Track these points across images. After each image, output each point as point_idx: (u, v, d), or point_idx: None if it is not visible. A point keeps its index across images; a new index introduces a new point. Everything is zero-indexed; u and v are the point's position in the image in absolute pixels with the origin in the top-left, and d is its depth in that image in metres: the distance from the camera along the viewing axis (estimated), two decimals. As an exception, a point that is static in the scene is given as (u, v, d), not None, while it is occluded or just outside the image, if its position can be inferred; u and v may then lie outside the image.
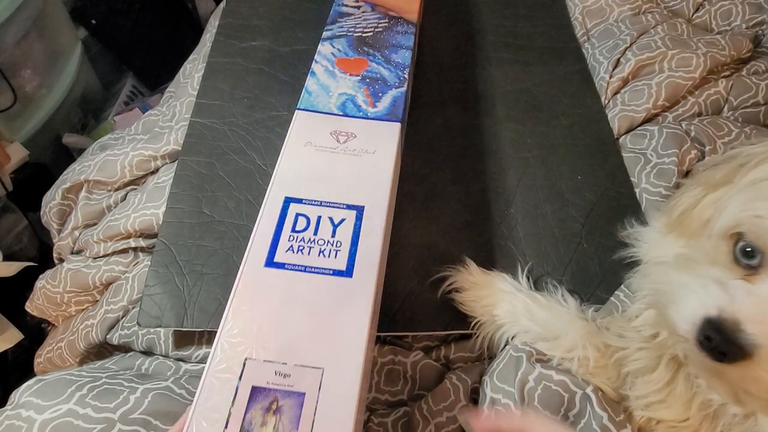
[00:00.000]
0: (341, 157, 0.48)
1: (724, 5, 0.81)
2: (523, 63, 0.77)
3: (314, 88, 0.56)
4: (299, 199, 0.44)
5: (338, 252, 0.41)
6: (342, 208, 0.44)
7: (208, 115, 0.71)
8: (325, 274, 0.40)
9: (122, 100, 1.28)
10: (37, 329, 0.84)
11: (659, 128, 0.65)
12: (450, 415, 0.48)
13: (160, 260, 0.58)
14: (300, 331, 0.36)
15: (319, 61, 0.59)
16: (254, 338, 0.36)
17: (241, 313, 0.38)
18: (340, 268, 0.40)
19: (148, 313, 0.56)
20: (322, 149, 0.49)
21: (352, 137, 0.50)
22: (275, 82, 0.75)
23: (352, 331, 0.37)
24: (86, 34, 1.25)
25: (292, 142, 0.50)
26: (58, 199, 0.70)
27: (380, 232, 0.43)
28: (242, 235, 0.60)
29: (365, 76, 0.57)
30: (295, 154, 0.49)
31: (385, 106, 0.54)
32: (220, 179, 0.65)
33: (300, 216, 0.43)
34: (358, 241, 0.42)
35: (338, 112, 0.53)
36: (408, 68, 0.59)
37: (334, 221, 0.43)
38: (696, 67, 0.69)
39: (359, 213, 0.44)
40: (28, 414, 0.44)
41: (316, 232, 0.42)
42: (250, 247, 0.42)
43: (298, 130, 0.51)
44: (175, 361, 0.56)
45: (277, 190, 0.45)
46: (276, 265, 0.40)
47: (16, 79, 1.00)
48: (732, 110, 0.70)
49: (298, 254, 0.41)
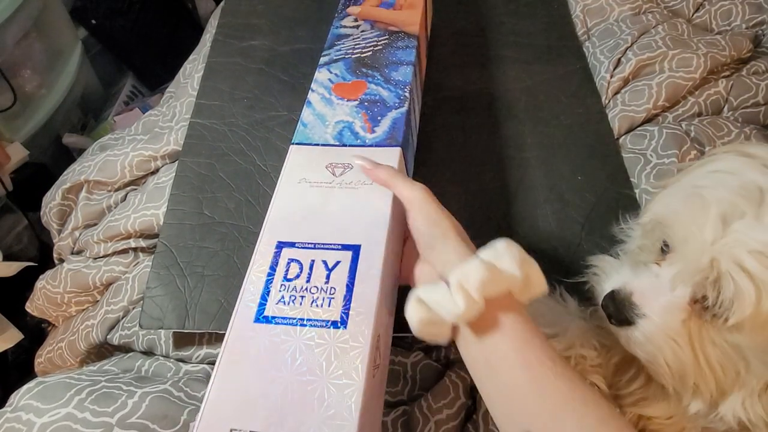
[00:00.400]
0: (337, 191, 0.44)
1: (724, 5, 0.80)
2: (523, 62, 0.77)
3: (310, 119, 0.52)
4: (292, 243, 0.41)
5: (332, 300, 0.37)
6: (336, 249, 0.40)
7: (207, 115, 0.71)
8: (317, 326, 0.36)
9: (122, 100, 1.28)
10: (37, 329, 0.84)
11: (659, 128, 0.65)
12: (450, 412, 0.48)
13: (161, 262, 0.59)
14: (291, 396, 0.33)
15: (315, 90, 0.55)
16: (241, 406, 0.33)
17: (228, 376, 0.34)
18: (333, 319, 0.36)
19: (150, 315, 0.56)
20: (317, 185, 0.45)
21: (348, 168, 0.46)
22: (275, 82, 0.74)
23: (345, 395, 0.33)
24: (86, 34, 1.25)
25: (285, 180, 0.46)
26: (58, 199, 0.70)
27: (377, 273, 0.38)
28: (242, 237, 0.60)
29: (363, 99, 0.53)
30: (289, 193, 0.45)
31: (384, 130, 0.50)
32: (220, 180, 0.65)
33: (292, 262, 0.39)
34: (353, 287, 0.38)
35: (335, 143, 0.49)
36: (409, 85, 0.54)
37: (328, 265, 0.39)
38: (696, 67, 0.69)
39: (355, 254, 0.39)
40: (27, 417, 0.44)
41: (309, 278, 0.38)
42: (240, 301, 0.38)
43: (291, 167, 0.47)
44: (176, 362, 0.56)
45: (269, 235, 0.42)
46: (266, 319, 0.37)
47: (16, 79, 1.00)
48: (732, 110, 0.70)
49: (290, 305, 0.37)
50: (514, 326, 0.35)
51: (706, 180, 0.38)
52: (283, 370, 0.34)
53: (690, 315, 0.38)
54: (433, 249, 0.39)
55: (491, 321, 0.35)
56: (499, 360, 0.35)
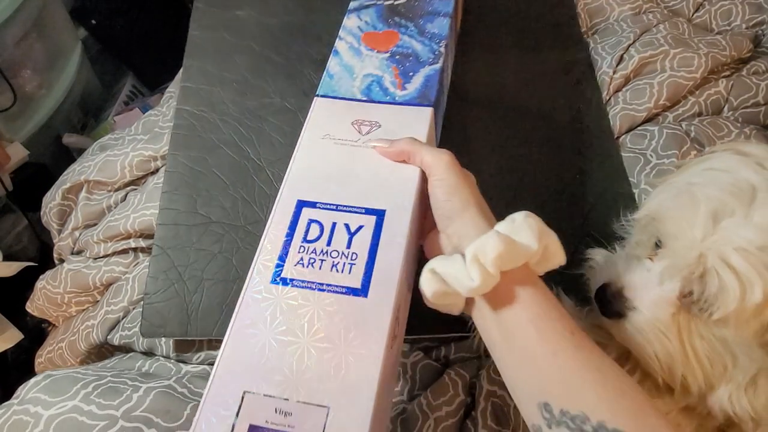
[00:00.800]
0: (362, 151, 0.42)
1: (724, 5, 0.80)
2: (522, 49, 0.74)
3: (336, 69, 0.49)
4: (313, 203, 0.39)
5: (353, 266, 0.35)
6: (360, 213, 0.38)
7: (195, 102, 0.67)
8: (337, 292, 0.34)
9: (122, 100, 1.28)
10: (37, 329, 0.84)
11: (659, 128, 0.65)
12: (449, 410, 0.48)
13: (159, 266, 0.57)
14: (306, 362, 0.32)
15: (343, 38, 0.51)
16: (256, 368, 0.32)
17: (243, 336, 0.33)
18: (354, 286, 0.35)
19: (151, 323, 0.55)
20: (342, 142, 0.42)
21: (376, 127, 0.43)
22: (267, 63, 0.70)
23: (363, 365, 0.32)
24: (86, 34, 1.25)
25: (308, 135, 0.43)
26: (58, 199, 0.70)
27: (402, 241, 0.36)
28: (240, 238, 0.59)
29: (395, 52, 0.50)
30: (312, 149, 0.42)
31: (416, 88, 0.46)
32: (213, 176, 0.62)
33: (313, 223, 0.38)
34: (376, 253, 0.36)
35: (362, 98, 0.46)
36: (445, 40, 0.50)
37: (350, 228, 0.37)
38: (698, 67, 0.69)
39: (379, 219, 0.38)
40: (35, 410, 0.45)
41: (330, 242, 0.37)
42: (257, 259, 0.36)
43: (315, 121, 0.44)
44: (176, 363, 0.56)
45: (289, 192, 0.40)
46: (284, 281, 0.35)
47: (16, 79, 1.00)
48: (732, 110, 0.70)
49: (309, 269, 0.35)
50: (532, 298, 0.34)
51: (699, 177, 0.39)
52: (300, 336, 0.33)
53: (679, 309, 0.38)
54: (450, 220, 0.38)
55: (508, 293, 0.35)
56: (516, 333, 0.34)
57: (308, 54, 0.71)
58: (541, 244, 0.35)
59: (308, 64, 0.71)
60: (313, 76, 0.70)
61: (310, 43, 0.72)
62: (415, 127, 0.44)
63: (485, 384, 0.49)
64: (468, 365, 0.52)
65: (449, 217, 0.38)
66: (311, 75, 0.70)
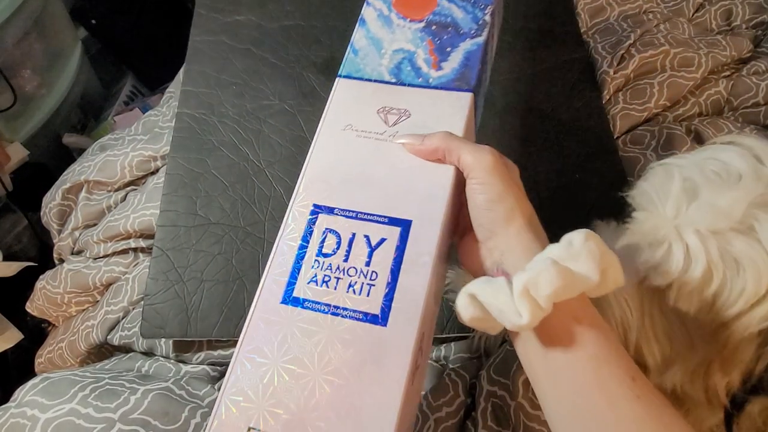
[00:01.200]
0: (388, 147, 0.36)
1: (724, 5, 0.80)
2: (521, 48, 0.74)
3: (362, 44, 0.41)
4: (330, 209, 0.34)
5: (372, 288, 0.31)
6: (382, 223, 0.33)
7: (195, 105, 0.68)
8: (353, 318, 0.30)
9: (122, 100, 1.28)
10: (37, 329, 0.84)
11: (659, 128, 0.65)
12: (450, 410, 0.48)
13: (159, 268, 0.58)
14: (318, 398, 0.28)
15: (371, 3, 0.43)
16: (261, 402, 0.29)
17: (249, 363, 0.30)
18: (372, 312, 0.30)
19: (151, 324, 0.55)
20: (366, 135, 0.37)
21: (405, 116, 0.37)
22: (265, 65, 0.71)
23: (379, 406, 0.28)
24: (86, 34, 1.25)
25: (328, 125, 0.38)
26: (58, 199, 0.70)
27: (429, 261, 0.31)
28: (240, 239, 0.59)
29: (431, 21, 0.42)
30: (331, 143, 0.37)
31: (453, 68, 0.39)
32: (213, 178, 0.63)
33: (329, 233, 0.33)
34: (398, 274, 0.31)
35: (390, 79, 0.39)
36: (492, 5, 0.42)
37: (371, 241, 0.32)
38: (698, 67, 0.69)
39: (404, 231, 0.32)
40: (32, 413, 0.45)
41: (348, 257, 0.32)
42: (268, 274, 0.32)
43: (336, 109, 0.38)
44: (176, 363, 0.56)
45: (304, 194, 0.35)
46: (295, 302, 0.31)
47: (16, 79, 1.00)
48: (732, 110, 0.70)
49: (323, 288, 0.31)
50: (588, 335, 0.30)
51: (686, 161, 0.39)
52: (311, 367, 0.29)
53: (642, 280, 0.39)
54: (492, 233, 0.33)
55: (559, 327, 0.30)
56: (567, 374, 0.30)
57: (307, 57, 0.72)
58: (602, 272, 0.30)
59: (307, 67, 0.71)
60: (312, 78, 0.70)
61: (309, 46, 0.73)
62: (450, 117, 0.37)
63: (485, 384, 0.49)
64: (468, 366, 0.52)
65: (490, 230, 0.33)
66: (310, 77, 0.70)
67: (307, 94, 0.69)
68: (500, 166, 0.33)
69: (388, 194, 0.34)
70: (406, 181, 0.35)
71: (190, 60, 0.71)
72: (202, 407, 0.48)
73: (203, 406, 0.48)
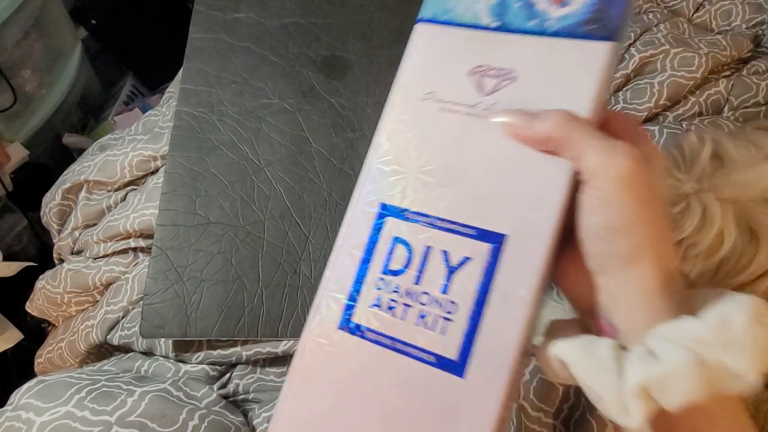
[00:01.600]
0: (480, 127, 0.25)
1: (724, 5, 0.80)
2: None
3: None
4: (401, 211, 0.25)
5: (449, 323, 0.23)
6: (468, 236, 0.24)
7: (194, 103, 0.67)
8: (422, 360, 0.23)
9: (122, 100, 1.28)
10: (37, 329, 0.84)
11: (659, 128, 0.65)
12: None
13: (158, 267, 0.57)
14: None
15: None
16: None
17: (302, 392, 0.25)
18: (447, 355, 0.23)
19: (150, 323, 0.55)
20: (452, 108, 0.26)
21: (509, 80, 0.26)
22: (265, 64, 0.70)
23: None
24: (86, 34, 1.25)
25: (402, 92, 0.27)
26: (58, 199, 0.70)
27: (527, 295, 0.23)
28: (239, 238, 0.59)
29: None
30: (406, 120, 0.27)
31: (584, 2, 0.25)
32: (212, 177, 0.62)
33: (398, 243, 0.25)
34: (483, 308, 0.23)
35: (491, 23, 0.27)
36: None
37: (449, 260, 0.24)
38: (698, 66, 0.69)
39: (495, 249, 0.23)
40: (27, 416, 0.44)
41: (419, 277, 0.24)
42: (324, 290, 0.25)
43: (413, 68, 0.28)
44: (175, 362, 0.56)
45: (370, 190, 0.26)
46: (355, 329, 0.24)
47: (16, 79, 1.00)
48: (732, 110, 0.70)
49: (387, 315, 0.24)
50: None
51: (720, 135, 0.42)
52: (365, 411, 0.23)
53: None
54: (604, 270, 0.23)
55: (684, 427, 0.22)
56: None
57: (307, 55, 0.72)
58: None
59: (307, 65, 0.71)
60: (312, 76, 0.70)
61: (309, 44, 0.73)
62: (577, 82, 0.25)
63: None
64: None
65: (601, 264, 0.23)
66: (310, 76, 0.70)
67: (307, 93, 0.69)
68: (639, 179, 0.21)
69: (477, 196, 0.25)
70: (504, 178, 0.24)
71: (189, 58, 0.71)
72: (200, 409, 0.48)
73: (201, 408, 0.48)
